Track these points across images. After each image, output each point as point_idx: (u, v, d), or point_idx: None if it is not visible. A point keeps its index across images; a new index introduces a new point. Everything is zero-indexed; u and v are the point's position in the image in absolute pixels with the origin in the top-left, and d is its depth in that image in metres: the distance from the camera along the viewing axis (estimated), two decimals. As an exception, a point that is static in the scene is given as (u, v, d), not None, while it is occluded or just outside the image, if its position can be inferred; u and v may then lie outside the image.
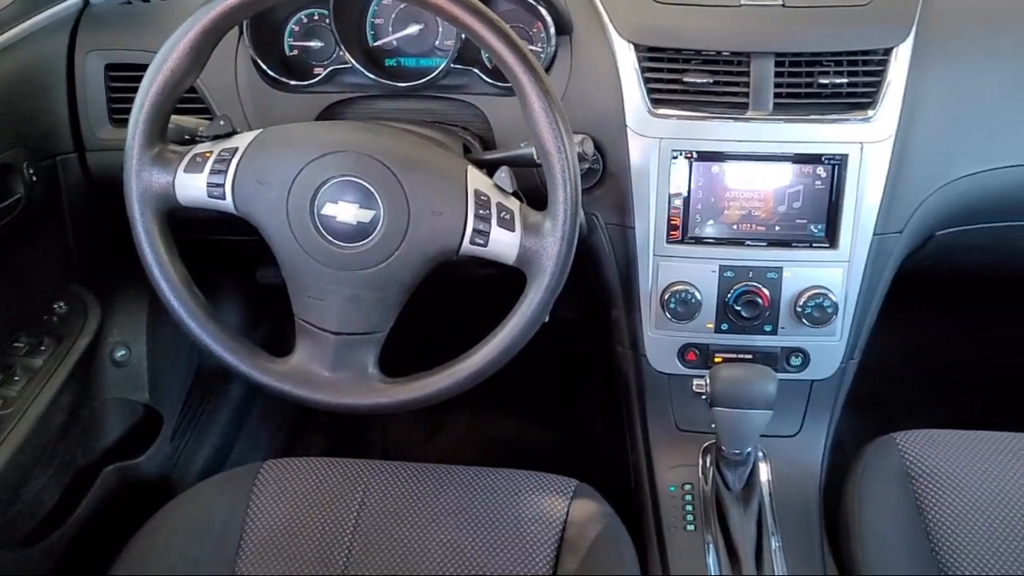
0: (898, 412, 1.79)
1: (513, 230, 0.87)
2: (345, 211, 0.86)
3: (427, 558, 0.99)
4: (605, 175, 1.13)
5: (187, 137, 0.95)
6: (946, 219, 1.16)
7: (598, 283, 1.22)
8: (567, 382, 1.94)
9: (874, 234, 1.10)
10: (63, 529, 1.22)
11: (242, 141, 0.89)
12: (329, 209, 0.86)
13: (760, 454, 1.17)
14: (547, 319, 0.96)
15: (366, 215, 0.86)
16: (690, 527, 1.12)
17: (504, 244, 0.87)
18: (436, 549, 1.00)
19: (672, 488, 1.17)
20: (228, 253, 1.53)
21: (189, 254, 0.93)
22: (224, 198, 0.88)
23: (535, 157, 0.88)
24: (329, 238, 0.87)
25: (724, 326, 1.14)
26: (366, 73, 1.12)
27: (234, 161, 0.87)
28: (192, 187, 0.88)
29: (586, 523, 1.02)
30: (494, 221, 0.86)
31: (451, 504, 1.04)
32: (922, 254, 1.26)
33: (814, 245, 1.11)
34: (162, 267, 0.88)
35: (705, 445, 1.20)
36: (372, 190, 0.86)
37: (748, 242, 1.12)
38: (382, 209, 0.86)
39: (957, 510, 1.03)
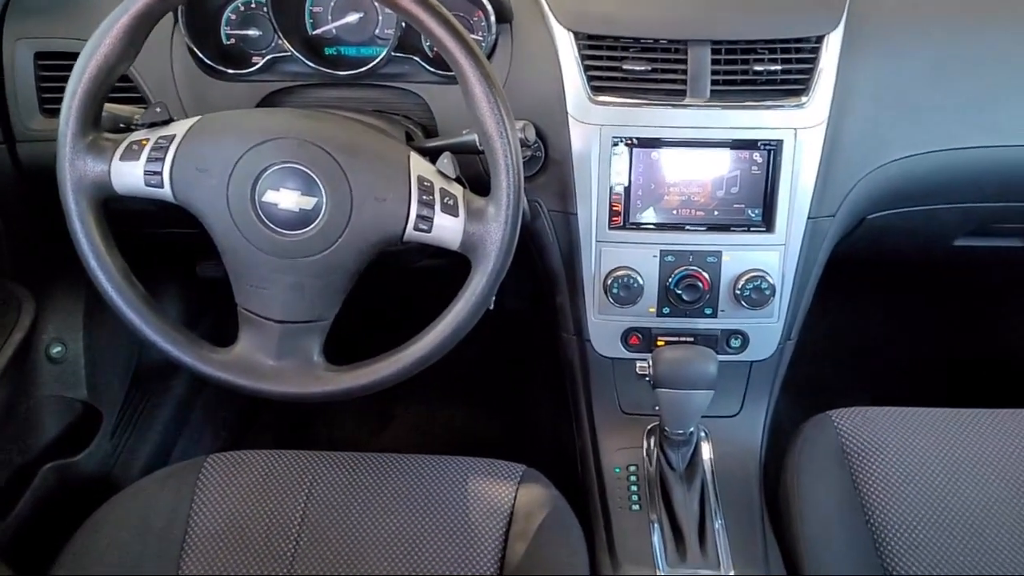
0: (834, 394, 1.85)
1: (457, 216, 0.87)
2: (287, 198, 0.85)
3: (376, 547, 0.99)
4: (547, 162, 1.14)
5: (122, 125, 0.93)
6: (877, 202, 1.20)
7: (542, 270, 1.23)
8: (515, 372, 1.95)
9: (809, 217, 1.13)
10: (1, 528, 1.19)
11: (180, 128, 0.88)
12: (270, 196, 0.85)
13: (702, 434, 1.19)
14: (492, 307, 0.97)
15: (308, 202, 0.85)
16: (635, 507, 1.13)
17: (448, 230, 0.87)
18: (385, 538, 1.00)
19: (617, 470, 1.18)
20: (168, 248, 1.50)
21: (127, 249, 0.91)
22: (162, 186, 0.86)
23: (478, 144, 0.88)
24: (271, 226, 0.86)
25: (666, 310, 1.16)
26: (306, 62, 1.11)
27: (172, 148, 0.86)
28: (129, 175, 0.86)
29: (534, 507, 1.03)
30: (438, 207, 0.87)
31: (399, 492, 1.04)
32: (854, 237, 1.30)
33: (751, 229, 1.14)
34: (99, 257, 0.87)
35: (649, 427, 1.22)
36: (314, 177, 0.85)
37: (688, 227, 1.14)
38: (324, 196, 0.85)
39: (890, 483, 1.07)
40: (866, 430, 1.13)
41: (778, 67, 1.09)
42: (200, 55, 1.11)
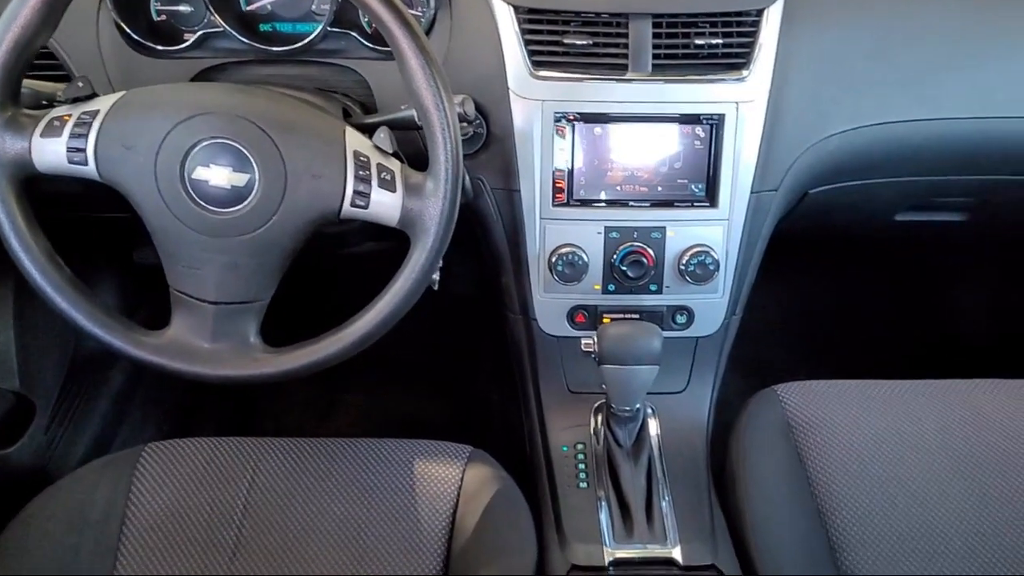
0: (780, 370, 1.87)
1: (394, 191, 0.85)
2: (218, 175, 0.82)
3: (321, 533, 0.98)
4: (490, 139, 1.12)
5: (44, 102, 0.90)
6: (818, 177, 1.20)
7: (486, 248, 1.22)
8: (463, 356, 1.93)
9: (751, 192, 1.14)
10: None
11: (104, 103, 0.84)
12: (201, 173, 0.83)
13: (649, 410, 1.19)
14: (436, 287, 0.96)
15: (240, 179, 0.83)
16: (583, 484, 1.13)
17: (386, 205, 0.85)
18: (330, 523, 0.99)
19: (565, 448, 1.18)
20: (104, 233, 1.45)
21: (60, 234, 0.87)
22: (86, 163, 0.83)
23: (416, 119, 0.86)
24: (202, 203, 0.83)
25: (611, 287, 1.16)
26: (239, 38, 1.08)
27: (95, 124, 0.83)
28: (50, 152, 0.83)
29: (481, 487, 1.02)
30: (375, 182, 0.85)
31: (344, 477, 1.03)
32: (798, 213, 1.31)
33: (695, 204, 1.14)
34: (21, 238, 0.83)
35: (596, 405, 1.21)
36: (246, 153, 0.83)
37: (632, 203, 1.13)
38: (257, 172, 0.83)
39: (835, 456, 1.08)
40: (811, 403, 1.14)
41: (719, 40, 1.09)
42: (128, 31, 1.07)
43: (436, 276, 1.09)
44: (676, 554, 1.03)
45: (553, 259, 1.13)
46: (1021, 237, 1.72)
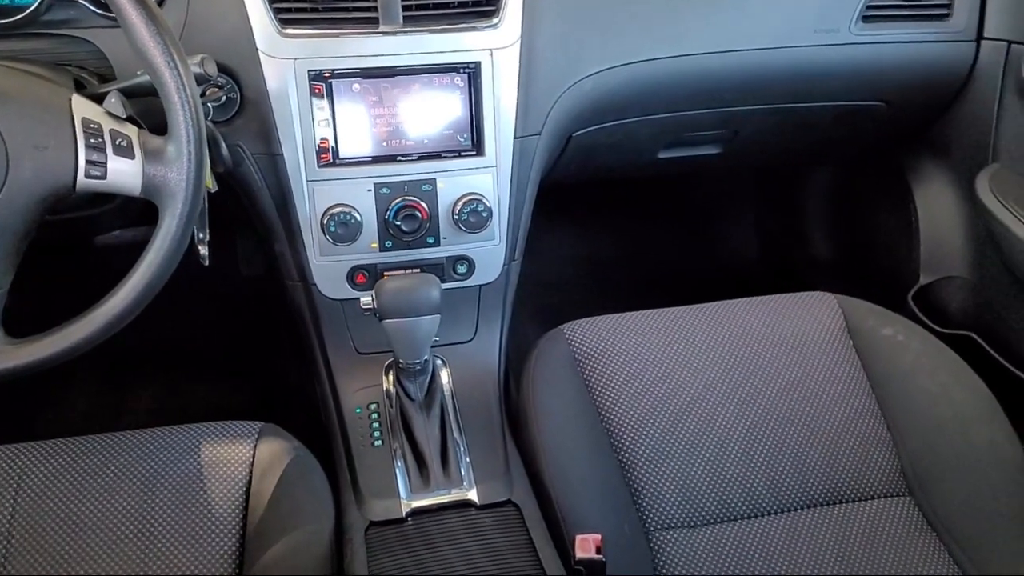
0: (575, 315, 1.94)
1: (133, 157, 0.80)
2: None
3: (102, 531, 0.92)
4: (244, 103, 1.08)
5: None
6: (579, 118, 1.25)
7: (256, 217, 1.18)
8: (259, 337, 1.87)
9: (515, 137, 1.16)
10: None
11: None
12: None
13: (439, 362, 1.20)
14: (206, 263, 0.91)
15: None
16: (378, 443, 1.13)
17: (125, 174, 0.80)
18: (111, 520, 0.93)
19: (358, 410, 1.17)
20: None
21: None
22: None
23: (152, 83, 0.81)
24: None
25: (388, 243, 1.15)
26: None
27: None
28: None
29: (273, 461, 0.99)
30: (109, 150, 0.80)
31: (124, 471, 0.97)
32: (567, 158, 1.35)
33: (463, 154, 1.14)
34: None
35: (387, 363, 1.21)
36: None
37: (400, 158, 1.13)
38: None
39: (620, 382, 1.13)
40: (595, 337, 1.18)
41: None
42: None
43: (204, 251, 1.05)
44: (472, 495, 1.05)
45: (325, 221, 1.11)
46: (770, 164, 1.87)
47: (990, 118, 1.34)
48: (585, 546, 0.86)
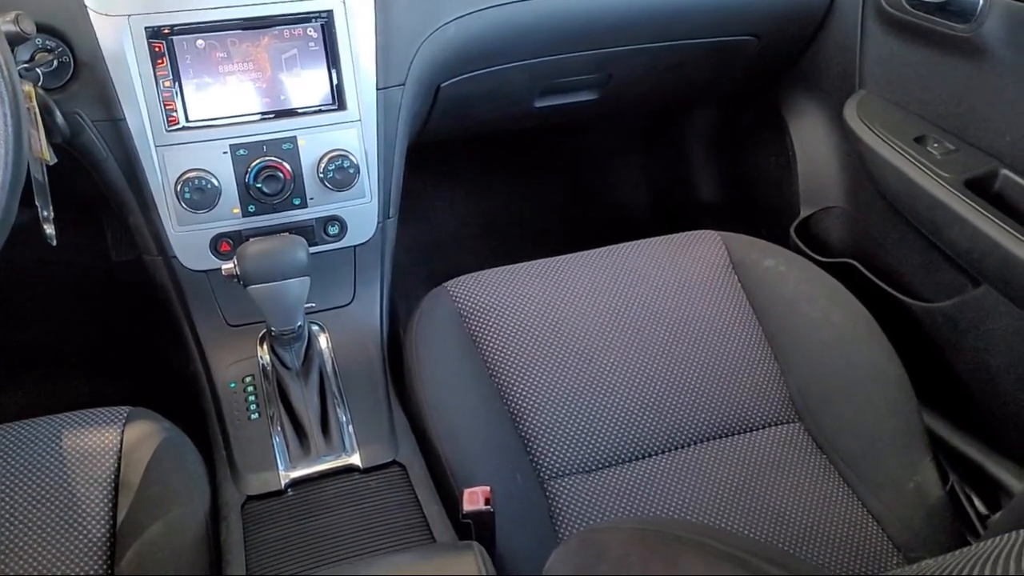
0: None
1: None
2: None
3: None
4: (78, 66, 1.00)
5: None
6: (445, 67, 1.20)
7: (106, 189, 1.10)
8: (136, 325, 1.79)
9: (378, 89, 1.11)
10: None
11: None
12: None
13: (316, 328, 1.16)
14: (53, 242, 0.84)
15: None
16: (255, 416, 1.08)
17: None
18: None
19: (233, 385, 1.12)
20: None
21: None
22: None
23: None
24: None
25: (251, 208, 1.09)
26: None
27: None
28: None
29: (142, 443, 0.94)
30: None
31: None
32: (439, 110, 1.31)
33: (323, 109, 1.09)
34: None
35: (261, 334, 1.16)
36: None
37: (256, 117, 1.07)
38: None
39: (506, 333, 1.11)
40: (479, 292, 1.16)
41: None
42: None
43: (50, 230, 0.98)
44: (355, 460, 1.02)
45: (179, 187, 1.05)
46: (649, 107, 1.86)
47: (854, 45, 1.35)
48: (473, 499, 0.84)
